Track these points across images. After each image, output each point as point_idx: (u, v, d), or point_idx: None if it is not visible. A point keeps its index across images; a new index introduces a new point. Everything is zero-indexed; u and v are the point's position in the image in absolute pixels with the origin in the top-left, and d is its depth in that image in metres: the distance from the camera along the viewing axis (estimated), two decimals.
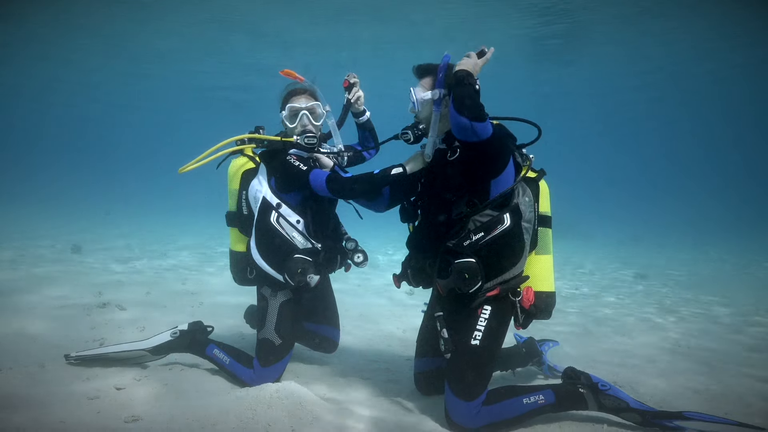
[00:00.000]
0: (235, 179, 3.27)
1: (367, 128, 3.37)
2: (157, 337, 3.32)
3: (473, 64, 2.61)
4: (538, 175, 2.88)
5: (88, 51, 19.39)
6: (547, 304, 2.80)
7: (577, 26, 15.42)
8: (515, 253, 2.70)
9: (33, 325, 4.16)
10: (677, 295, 7.83)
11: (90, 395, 2.76)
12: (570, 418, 2.75)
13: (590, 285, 8.61)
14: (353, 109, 3.27)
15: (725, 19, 14.63)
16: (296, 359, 3.58)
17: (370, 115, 3.37)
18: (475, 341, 2.64)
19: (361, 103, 3.27)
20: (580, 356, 4.19)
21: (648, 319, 5.97)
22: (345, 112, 3.34)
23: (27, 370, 3.08)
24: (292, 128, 3.11)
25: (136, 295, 5.74)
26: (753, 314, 6.38)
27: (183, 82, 24.87)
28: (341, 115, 3.33)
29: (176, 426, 2.41)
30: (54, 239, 11.03)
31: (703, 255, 14.23)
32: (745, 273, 10.87)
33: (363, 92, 3.25)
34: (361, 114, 3.32)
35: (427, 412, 2.83)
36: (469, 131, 2.48)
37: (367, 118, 3.35)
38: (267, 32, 16.92)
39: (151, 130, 46.95)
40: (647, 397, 3.18)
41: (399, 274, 2.99)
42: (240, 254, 3.31)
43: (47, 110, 34.90)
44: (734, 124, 36.54)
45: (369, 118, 3.37)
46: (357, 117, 3.33)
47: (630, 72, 20.81)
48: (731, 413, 2.89)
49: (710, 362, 4.15)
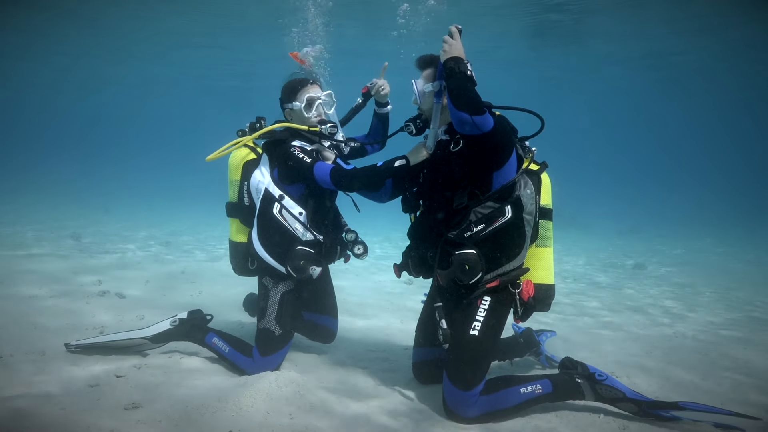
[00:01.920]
0: (236, 170, 3.27)
1: (382, 120, 3.39)
2: (156, 325, 3.33)
3: (460, 48, 2.59)
4: (540, 167, 2.88)
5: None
6: (547, 296, 2.82)
7: (580, 11, 15.29)
8: (516, 245, 2.71)
9: (33, 312, 4.17)
10: (674, 285, 7.87)
11: (90, 383, 2.77)
12: (567, 408, 2.78)
13: (588, 275, 8.64)
14: (379, 98, 3.29)
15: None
16: (295, 348, 3.60)
17: (389, 110, 3.39)
18: (474, 332, 2.65)
19: (386, 94, 3.28)
20: (577, 347, 4.22)
21: (644, 310, 6.01)
22: (354, 113, 3.35)
23: (27, 357, 3.10)
24: (308, 117, 3.11)
25: (135, 284, 5.75)
26: (750, 304, 6.42)
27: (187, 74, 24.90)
28: (348, 115, 3.33)
29: (175, 413, 2.43)
30: (54, 227, 11.03)
31: (701, 245, 14.27)
32: (745, 263, 10.91)
33: (389, 86, 3.28)
34: (384, 105, 3.34)
35: (425, 401, 2.85)
36: (471, 125, 2.48)
37: (388, 110, 3.38)
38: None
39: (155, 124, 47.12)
40: (643, 387, 3.21)
41: (400, 263, 3.00)
42: (240, 245, 3.32)
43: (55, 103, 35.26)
44: (735, 118, 36.55)
45: (389, 112, 3.39)
46: (380, 107, 3.35)
47: (632, 57, 20.58)
48: (727, 403, 2.92)
49: (706, 352, 4.19)
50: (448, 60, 2.56)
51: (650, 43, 18.11)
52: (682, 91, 26.98)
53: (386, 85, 3.26)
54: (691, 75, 22.83)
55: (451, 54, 2.57)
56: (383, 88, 3.24)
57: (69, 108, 41.76)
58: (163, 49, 20.78)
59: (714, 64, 20.58)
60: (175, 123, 49.81)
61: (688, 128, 42.00)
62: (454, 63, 2.54)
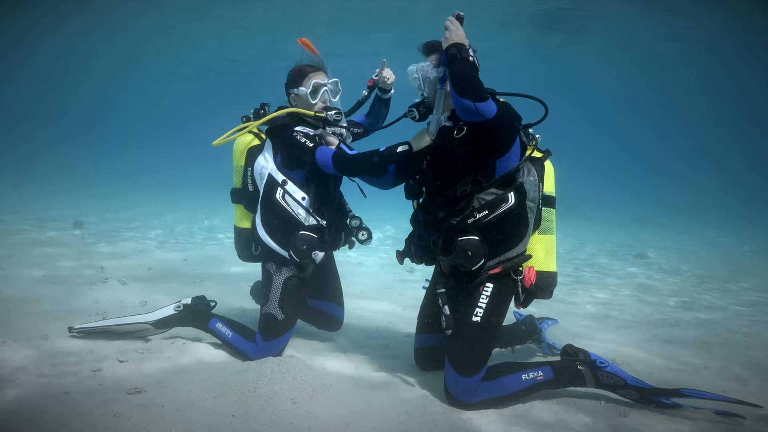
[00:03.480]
0: (241, 156, 3.28)
1: (385, 103, 3.37)
2: (160, 310, 3.34)
3: (461, 34, 2.55)
4: (544, 155, 2.86)
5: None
6: (549, 283, 2.81)
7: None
8: (518, 232, 2.70)
9: (35, 298, 4.18)
10: (677, 274, 7.86)
11: (93, 368, 2.78)
12: (568, 395, 2.78)
13: (590, 264, 8.63)
14: (383, 85, 3.27)
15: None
16: (297, 335, 3.61)
17: (393, 94, 3.39)
18: (476, 318, 2.65)
19: (392, 83, 3.27)
20: (579, 334, 4.23)
21: (646, 298, 6.01)
22: (359, 105, 3.34)
23: (30, 342, 3.11)
24: (313, 104, 3.09)
25: (138, 271, 5.76)
26: (753, 293, 6.42)
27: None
28: (353, 107, 3.31)
29: (178, 398, 2.44)
30: (56, 214, 11.05)
31: (704, 235, 14.25)
32: (747, 252, 10.90)
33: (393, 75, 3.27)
34: (387, 91, 3.32)
35: (426, 387, 2.86)
36: (474, 113, 2.46)
37: (390, 95, 3.37)
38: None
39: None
40: (644, 375, 3.21)
41: (402, 250, 2.99)
42: (245, 231, 3.33)
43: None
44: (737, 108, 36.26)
45: (391, 96, 3.38)
46: (383, 93, 3.33)
47: (637, 44, 20.36)
48: (728, 391, 2.93)
49: (708, 340, 4.19)
50: (449, 46, 2.53)
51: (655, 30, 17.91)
52: (684, 82, 26.74)
53: (391, 75, 3.27)
54: (689, 67, 22.65)
55: (453, 40, 2.54)
56: (388, 78, 3.24)
57: (82, 99, 41.93)
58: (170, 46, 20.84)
59: (706, 55, 20.42)
60: (181, 113, 49.70)
61: (688, 120, 41.73)
62: (456, 49, 2.51)
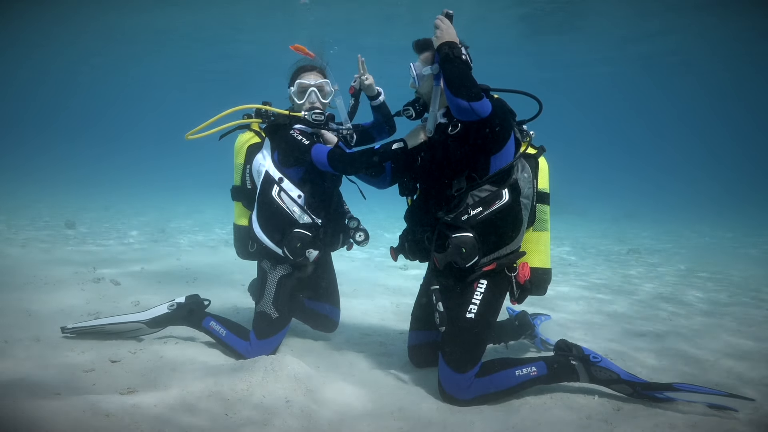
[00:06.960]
0: (240, 153, 3.29)
1: (382, 112, 3.29)
2: (154, 309, 3.33)
3: (452, 32, 2.55)
4: (538, 151, 2.87)
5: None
6: (543, 280, 2.83)
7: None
8: (513, 229, 2.71)
9: (27, 299, 4.15)
10: (670, 269, 7.90)
11: (85, 368, 2.76)
12: (561, 390, 2.79)
13: (583, 260, 8.67)
14: (368, 92, 3.22)
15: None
16: (290, 333, 3.60)
17: (384, 98, 3.28)
18: (470, 314, 2.66)
19: (372, 87, 3.21)
20: (572, 330, 4.24)
21: (638, 293, 6.04)
22: (352, 114, 3.30)
23: (22, 343, 3.08)
24: (300, 104, 3.09)
25: (130, 271, 5.73)
26: (745, 287, 6.46)
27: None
28: (348, 117, 3.27)
29: (171, 398, 2.43)
30: (48, 214, 10.96)
31: (696, 230, 14.34)
32: (741, 247, 10.98)
33: (372, 76, 3.20)
34: (375, 97, 3.25)
35: (420, 384, 2.87)
36: (469, 112, 2.47)
37: (381, 100, 3.26)
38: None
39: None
40: (637, 369, 3.23)
41: (396, 247, 2.99)
42: (243, 228, 3.34)
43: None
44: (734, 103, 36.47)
45: (384, 100, 3.28)
46: (372, 100, 3.27)
47: (631, 39, 20.41)
48: (721, 385, 2.95)
49: (701, 335, 4.22)
50: (441, 45, 2.53)
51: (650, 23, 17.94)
52: (676, 77, 26.89)
53: (369, 77, 3.18)
54: (683, 61, 22.77)
55: (444, 39, 2.53)
56: (366, 80, 3.17)
57: (81, 99, 41.76)
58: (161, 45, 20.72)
59: (700, 47, 20.50)
60: (179, 114, 49.68)
61: (681, 114, 41.97)
62: (449, 48, 2.50)
